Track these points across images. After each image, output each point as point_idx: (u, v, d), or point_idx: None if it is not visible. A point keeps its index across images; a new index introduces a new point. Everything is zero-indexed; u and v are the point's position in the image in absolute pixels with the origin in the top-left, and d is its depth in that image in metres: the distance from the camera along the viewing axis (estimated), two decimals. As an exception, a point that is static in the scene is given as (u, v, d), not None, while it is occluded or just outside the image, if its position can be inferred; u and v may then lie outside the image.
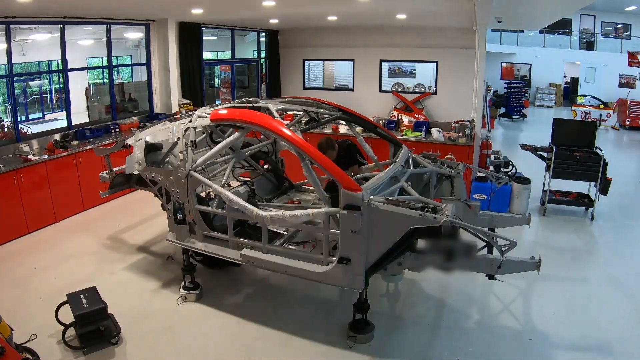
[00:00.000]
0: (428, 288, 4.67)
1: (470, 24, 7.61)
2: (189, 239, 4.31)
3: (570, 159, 6.50)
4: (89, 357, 3.62)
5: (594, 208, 6.60)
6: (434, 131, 7.86)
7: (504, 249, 3.38)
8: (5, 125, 6.54)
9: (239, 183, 4.93)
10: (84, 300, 3.71)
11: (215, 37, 11.48)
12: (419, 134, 7.89)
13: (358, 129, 5.59)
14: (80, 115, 7.92)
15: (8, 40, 6.26)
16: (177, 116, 8.30)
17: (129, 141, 4.86)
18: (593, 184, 6.62)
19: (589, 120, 13.04)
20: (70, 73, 7.32)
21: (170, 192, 4.21)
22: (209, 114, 4.15)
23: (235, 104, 4.73)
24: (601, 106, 14.89)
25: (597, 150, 6.57)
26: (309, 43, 11.41)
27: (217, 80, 12.39)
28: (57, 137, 6.86)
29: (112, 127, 7.72)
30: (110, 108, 8.19)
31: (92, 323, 3.64)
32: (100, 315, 3.67)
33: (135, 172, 4.38)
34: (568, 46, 19.95)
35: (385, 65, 11.02)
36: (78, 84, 8.02)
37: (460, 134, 7.59)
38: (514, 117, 16.03)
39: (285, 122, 3.94)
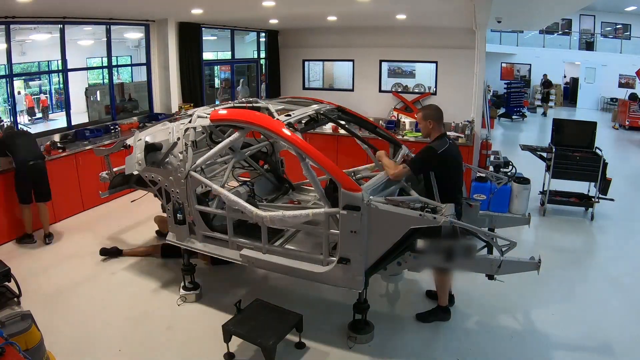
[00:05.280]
0: (428, 288, 4.66)
1: (470, 24, 7.62)
2: (188, 239, 4.31)
3: (570, 159, 6.50)
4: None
5: (594, 208, 6.60)
6: None
7: (503, 249, 3.38)
8: (5, 126, 6.54)
9: (239, 183, 4.93)
10: None
11: (215, 37, 11.49)
12: (419, 134, 7.89)
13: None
14: (80, 115, 7.93)
15: (8, 40, 6.27)
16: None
17: (129, 141, 4.86)
18: (593, 184, 6.62)
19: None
20: (70, 73, 7.33)
21: (170, 193, 4.21)
22: (209, 114, 4.15)
23: (235, 104, 4.73)
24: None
25: (597, 151, 6.58)
26: (309, 43, 11.41)
27: (217, 81, 12.40)
28: (56, 137, 6.86)
29: (112, 128, 7.72)
30: (110, 108, 8.20)
31: None
32: None
33: (135, 172, 4.38)
34: (568, 46, 19.95)
35: (385, 65, 11.02)
36: (78, 85, 8.02)
37: (461, 134, 7.59)
38: (513, 117, 16.04)
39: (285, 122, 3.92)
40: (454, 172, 3.93)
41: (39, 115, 11.45)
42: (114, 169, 5.12)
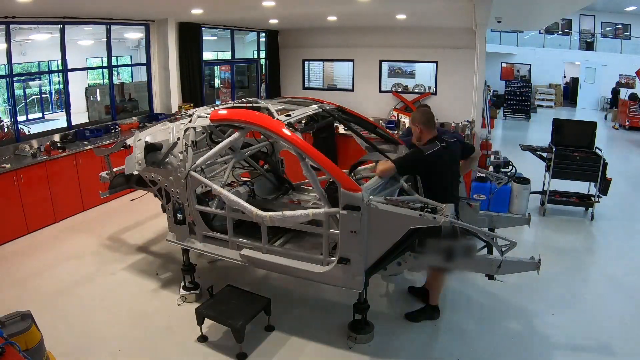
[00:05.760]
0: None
1: (470, 24, 7.62)
2: (188, 239, 4.31)
3: (570, 159, 6.49)
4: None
5: (593, 208, 6.60)
6: None
7: (503, 249, 3.38)
8: (5, 126, 6.54)
9: (239, 183, 4.93)
10: None
11: (215, 37, 11.49)
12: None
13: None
14: (80, 115, 7.93)
15: (8, 40, 6.26)
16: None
17: (129, 141, 4.86)
18: (593, 184, 6.62)
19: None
20: (70, 73, 7.32)
21: (170, 193, 4.21)
22: (209, 114, 4.15)
23: (235, 104, 4.73)
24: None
25: (597, 151, 6.58)
26: (309, 43, 11.42)
27: (217, 81, 12.40)
28: (56, 137, 6.86)
29: (112, 128, 7.72)
30: (110, 108, 8.20)
31: None
32: None
33: (135, 172, 4.38)
34: (568, 46, 19.94)
35: (385, 65, 11.03)
36: (78, 85, 8.03)
37: (461, 134, 7.58)
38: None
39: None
40: (443, 176, 3.80)
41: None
42: (114, 169, 5.12)
